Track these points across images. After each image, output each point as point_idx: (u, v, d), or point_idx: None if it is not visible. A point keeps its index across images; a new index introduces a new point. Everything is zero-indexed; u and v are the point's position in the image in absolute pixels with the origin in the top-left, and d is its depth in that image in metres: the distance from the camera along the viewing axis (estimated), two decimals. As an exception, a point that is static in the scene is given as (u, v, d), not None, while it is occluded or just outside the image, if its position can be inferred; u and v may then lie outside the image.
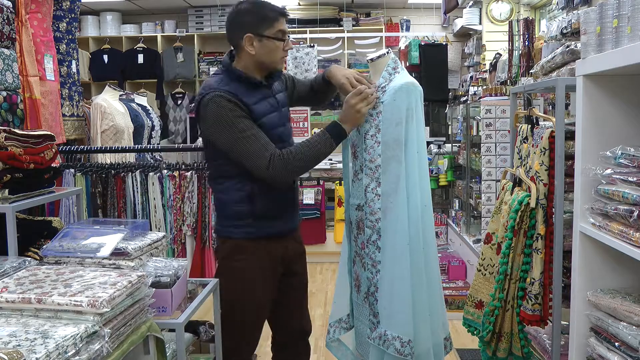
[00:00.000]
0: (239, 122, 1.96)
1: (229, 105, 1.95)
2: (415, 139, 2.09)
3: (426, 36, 6.75)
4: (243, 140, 1.96)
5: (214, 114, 1.96)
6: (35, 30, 3.01)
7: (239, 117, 1.96)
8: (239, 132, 1.96)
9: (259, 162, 1.97)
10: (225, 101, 1.95)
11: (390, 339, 2.02)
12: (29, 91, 2.88)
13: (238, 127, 1.96)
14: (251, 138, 1.97)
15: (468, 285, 4.00)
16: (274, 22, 2.01)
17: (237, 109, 1.96)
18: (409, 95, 2.05)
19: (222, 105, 1.95)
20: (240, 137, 1.96)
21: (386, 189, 2.05)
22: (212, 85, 2.01)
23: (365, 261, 2.15)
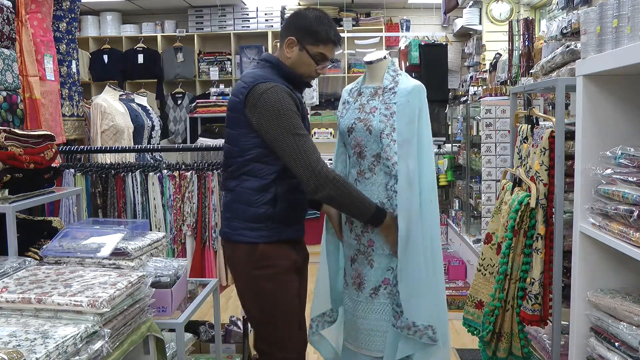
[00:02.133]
0: (295, 118, 1.93)
1: (288, 99, 1.92)
2: (424, 137, 2.23)
3: (426, 36, 6.75)
4: (298, 138, 1.92)
5: (272, 102, 1.90)
6: (35, 30, 3.01)
7: (296, 113, 1.94)
8: (294, 127, 1.91)
9: (312, 162, 1.92)
10: (284, 93, 1.92)
11: (422, 329, 2.14)
12: (29, 91, 2.88)
13: (295, 122, 1.92)
14: (306, 137, 1.94)
15: (468, 285, 4.00)
16: (319, 43, 2.00)
17: (294, 105, 1.93)
18: (419, 97, 2.20)
19: (282, 96, 1.91)
20: (296, 133, 1.91)
21: (401, 186, 2.14)
22: (265, 76, 1.97)
23: (375, 257, 2.21)
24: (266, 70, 2.01)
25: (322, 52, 2.01)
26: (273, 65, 2.03)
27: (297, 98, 1.97)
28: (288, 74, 2.01)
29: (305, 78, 2.07)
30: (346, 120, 2.31)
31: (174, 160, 3.46)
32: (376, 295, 2.24)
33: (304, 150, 1.91)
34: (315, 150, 1.94)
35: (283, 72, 2.01)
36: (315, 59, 2.01)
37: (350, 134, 2.28)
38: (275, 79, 1.95)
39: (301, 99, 2.06)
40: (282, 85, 1.94)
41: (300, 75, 2.04)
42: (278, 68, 2.01)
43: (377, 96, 2.24)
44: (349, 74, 6.82)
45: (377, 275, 2.23)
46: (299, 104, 1.97)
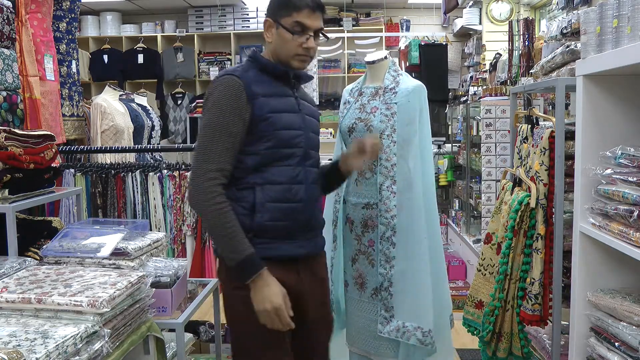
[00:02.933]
0: (222, 114, 1.64)
1: (227, 91, 1.66)
2: (425, 137, 2.24)
3: (426, 36, 6.75)
4: (209, 135, 1.64)
5: (209, 93, 1.70)
6: (35, 30, 3.01)
7: (233, 108, 1.65)
8: (213, 123, 1.64)
9: (200, 167, 1.63)
10: (228, 85, 1.66)
11: (412, 330, 2.13)
12: (29, 91, 2.88)
13: (217, 119, 1.64)
14: (218, 137, 1.64)
15: (468, 285, 4.00)
16: (292, 11, 1.71)
17: (236, 100, 1.65)
18: (420, 97, 2.21)
19: (222, 87, 1.67)
20: (211, 128, 1.64)
21: (401, 186, 2.13)
22: (232, 69, 1.75)
23: (375, 258, 2.21)
24: (243, 65, 1.79)
25: (298, 20, 1.71)
26: (251, 59, 1.79)
27: (245, 87, 1.66)
28: (264, 65, 1.75)
29: (291, 61, 1.75)
30: (347, 120, 2.31)
31: (174, 160, 3.46)
32: (376, 297, 2.23)
33: (203, 151, 1.64)
34: (219, 156, 1.63)
35: (259, 64, 1.76)
36: (294, 31, 1.72)
37: (350, 133, 2.28)
38: (244, 71, 1.72)
39: (293, 91, 1.79)
40: (236, 75, 1.68)
41: (285, 59, 1.74)
42: (255, 60, 1.77)
43: (377, 96, 2.24)
44: (349, 74, 6.81)
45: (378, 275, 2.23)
46: (247, 95, 1.66)
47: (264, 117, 1.69)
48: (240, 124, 1.66)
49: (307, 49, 1.74)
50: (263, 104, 1.69)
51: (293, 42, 1.73)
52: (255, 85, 1.69)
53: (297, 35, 1.72)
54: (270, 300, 1.60)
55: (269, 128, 1.69)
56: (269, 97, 1.71)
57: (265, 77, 1.74)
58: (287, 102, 1.77)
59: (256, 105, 1.67)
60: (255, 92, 1.68)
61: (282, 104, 1.74)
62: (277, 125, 1.71)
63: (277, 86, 1.76)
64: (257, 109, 1.67)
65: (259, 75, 1.73)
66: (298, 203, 1.73)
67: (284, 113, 1.73)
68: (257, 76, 1.72)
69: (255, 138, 1.69)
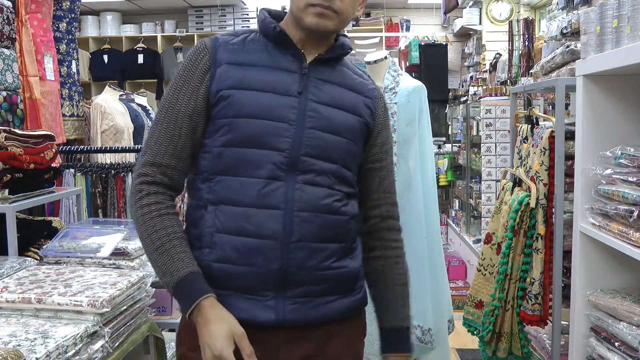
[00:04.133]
0: (177, 88, 1.19)
1: (190, 59, 1.21)
2: (424, 137, 2.24)
3: (426, 36, 6.75)
4: (157, 116, 1.22)
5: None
6: (35, 30, 3.01)
7: (185, 82, 1.19)
8: (166, 98, 1.21)
9: (145, 148, 1.21)
10: (193, 52, 1.22)
11: (411, 328, 2.11)
12: (29, 91, 2.88)
13: (169, 95, 1.20)
14: (162, 119, 1.19)
15: (468, 285, 4.00)
16: None
17: (192, 70, 1.20)
18: (420, 97, 2.21)
19: (187, 57, 1.22)
20: (161, 107, 1.22)
21: (401, 186, 2.14)
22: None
23: None
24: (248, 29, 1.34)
25: None
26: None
27: (211, 52, 1.20)
28: (263, 28, 1.24)
29: (303, 17, 1.18)
30: (346, 120, 2.31)
31: (174, 160, 3.45)
32: None
33: (146, 141, 1.22)
34: (155, 146, 1.18)
35: (260, 26, 1.26)
36: None
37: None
38: (230, 35, 1.25)
39: (302, 66, 1.22)
40: (210, 40, 1.23)
41: (297, 14, 1.19)
42: (262, 17, 1.27)
43: (377, 96, 2.25)
44: (349, 74, 6.81)
45: None
46: (207, 68, 1.19)
47: (221, 94, 1.17)
48: (191, 102, 1.18)
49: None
50: (224, 74, 1.18)
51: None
52: (229, 51, 1.20)
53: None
54: (209, 345, 1.04)
55: (226, 112, 1.16)
56: (237, 65, 1.19)
57: (265, 44, 1.23)
58: (275, 77, 1.20)
59: (215, 76, 1.18)
60: (220, 58, 1.19)
61: (259, 77, 1.18)
62: (238, 109, 1.16)
63: (274, 57, 1.22)
64: (214, 82, 1.17)
65: (254, 42, 1.23)
66: (264, 240, 1.13)
67: (256, 92, 1.17)
68: (248, 42, 1.22)
69: (213, 128, 1.18)
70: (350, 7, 1.20)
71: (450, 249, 5.07)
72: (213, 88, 1.18)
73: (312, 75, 1.22)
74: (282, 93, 1.19)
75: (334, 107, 1.22)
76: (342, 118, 1.23)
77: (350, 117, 1.24)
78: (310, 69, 1.22)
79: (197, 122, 1.19)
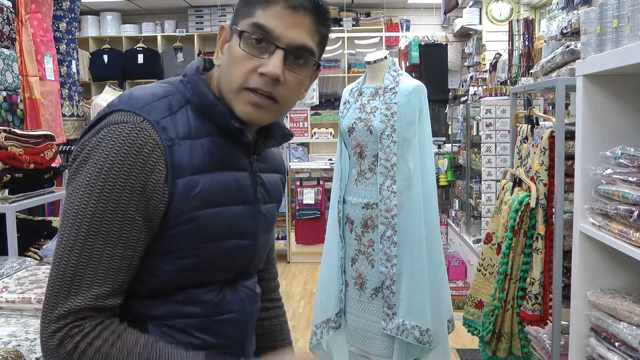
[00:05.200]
0: (113, 201, 0.86)
1: (123, 156, 0.86)
2: (424, 137, 2.23)
3: (426, 36, 6.75)
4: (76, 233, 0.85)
5: (90, 156, 0.87)
6: (35, 30, 3.01)
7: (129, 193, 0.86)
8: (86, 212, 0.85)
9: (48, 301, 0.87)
10: (125, 143, 0.87)
11: (410, 329, 2.13)
12: (29, 91, 2.88)
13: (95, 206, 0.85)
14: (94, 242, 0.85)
15: (468, 285, 4.00)
16: (256, 7, 0.94)
17: (136, 176, 0.87)
18: (420, 97, 2.20)
19: (113, 148, 0.86)
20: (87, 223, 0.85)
21: (401, 186, 2.14)
22: (133, 99, 0.93)
23: (375, 257, 2.21)
24: (167, 87, 1.00)
25: (258, 21, 0.93)
26: (187, 82, 1.01)
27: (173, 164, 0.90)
28: (203, 105, 0.96)
29: (233, 101, 0.95)
30: (346, 120, 2.31)
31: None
32: (376, 297, 2.24)
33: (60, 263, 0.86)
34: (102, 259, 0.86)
35: (192, 94, 0.97)
36: (249, 40, 0.93)
37: (350, 133, 2.28)
38: (165, 110, 0.93)
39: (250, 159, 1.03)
40: (150, 124, 0.89)
41: (227, 95, 0.96)
42: (192, 86, 0.99)
43: (377, 96, 2.24)
44: (349, 74, 6.81)
45: (378, 275, 2.24)
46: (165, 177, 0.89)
47: (183, 217, 0.91)
48: (140, 223, 0.88)
49: (262, 75, 0.92)
50: (188, 190, 0.91)
51: (242, 61, 0.94)
52: (185, 150, 0.92)
53: (250, 47, 0.93)
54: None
55: (188, 236, 0.93)
56: (199, 174, 0.93)
57: (205, 123, 0.96)
58: (234, 182, 0.99)
59: (176, 192, 0.90)
60: (178, 163, 0.90)
61: (221, 188, 0.96)
62: (204, 234, 0.94)
63: (225, 151, 0.98)
64: (175, 200, 0.90)
65: (198, 128, 0.95)
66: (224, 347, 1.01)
67: (221, 208, 0.96)
68: (193, 129, 0.94)
69: (164, 249, 0.92)
70: (294, 94, 0.99)
71: (450, 249, 5.07)
72: (174, 208, 0.90)
73: (257, 170, 1.05)
74: (242, 202, 1.00)
75: (270, 203, 1.09)
76: (272, 212, 1.10)
77: (276, 206, 1.12)
78: (256, 162, 1.04)
79: (141, 245, 0.89)
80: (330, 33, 1.02)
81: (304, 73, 0.98)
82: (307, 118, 6.24)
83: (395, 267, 2.18)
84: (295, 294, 4.81)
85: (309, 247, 5.88)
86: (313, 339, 2.38)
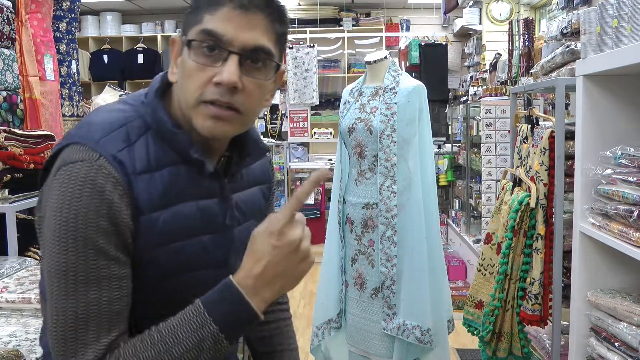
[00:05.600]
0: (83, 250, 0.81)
1: (86, 202, 0.81)
2: (425, 137, 2.24)
3: (426, 36, 6.75)
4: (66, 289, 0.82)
5: (54, 200, 0.82)
6: (35, 30, 3.01)
7: (103, 238, 0.82)
8: (68, 266, 0.81)
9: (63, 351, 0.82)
10: (85, 186, 0.82)
11: (410, 329, 2.14)
12: (29, 91, 2.88)
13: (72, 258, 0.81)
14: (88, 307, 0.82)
15: (468, 285, 4.00)
16: (204, 12, 0.88)
17: (100, 218, 0.82)
18: (420, 97, 2.21)
19: (71, 193, 0.81)
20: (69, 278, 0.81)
21: (401, 186, 2.14)
22: (91, 134, 0.86)
23: (375, 257, 2.21)
24: (123, 111, 0.92)
25: (206, 27, 0.86)
26: (142, 100, 0.94)
27: (120, 192, 0.84)
28: (160, 128, 0.90)
29: (193, 117, 0.89)
30: (347, 120, 2.31)
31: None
32: (376, 297, 2.24)
33: (58, 323, 0.82)
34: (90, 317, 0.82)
35: (152, 121, 0.91)
36: (199, 49, 0.87)
37: (350, 133, 2.28)
38: (122, 141, 0.87)
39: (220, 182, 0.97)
40: (103, 158, 0.83)
41: (187, 111, 0.90)
42: (146, 107, 0.92)
43: (377, 96, 2.25)
44: (349, 74, 6.82)
45: (378, 275, 2.24)
46: (119, 204, 0.83)
47: (145, 256, 0.88)
48: (124, 260, 0.86)
49: (218, 85, 0.86)
50: (149, 228, 0.87)
51: (195, 73, 0.87)
52: (144, 185, 0.87)
53: (202, 56, 0.87)
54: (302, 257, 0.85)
55: (149, 274, 0.89)
56: (160, 210, 0.88)
57: (167, 151, 0.90)
58: (199, 212, 0.93)
59: (139, 230, 0.86)
60: (139, 198, 0.86)
61: (184, 220, 0.91)
62: (164, 271, 0.90)
63: (189, 179, 0.92)
64: (139, 239, 0.86)
65: (158, 158, 0.89)
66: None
67: (185, 241, 0.91)
68: (153, 161, 0.89)
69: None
70: (257, 101, 0.91)
71: (450, 249, 5.07)
72: (138, 246, 0.86)
73: (230, 193, 0.98)
74: (210, 231, 0.94)
75: (247, 222, 1.02)
76: (252, 230, 0.94)
77: (255, 223, 0.95)
78: (228, 185, 0.97)
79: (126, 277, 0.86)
80: (288, 30, 0.94)
81: (263, 77, 0.90)
82: (307, 118, 6.24)
83: (396, 267, 2.18)
84: (296, 294, 4.82)
85: (309, 247, 5.87)
86: (314, 340, 2.38)
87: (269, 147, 1.05)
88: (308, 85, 6.09)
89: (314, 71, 6.09)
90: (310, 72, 6.08)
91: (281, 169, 6.09)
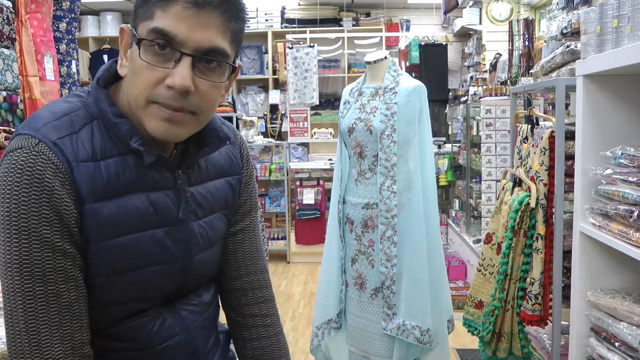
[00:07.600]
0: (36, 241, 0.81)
1: (26, 190, 0.80)
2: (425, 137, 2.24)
3: (426, 36, 6.75)
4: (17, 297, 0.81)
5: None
6: (35, 30, 3.01)
7: (46, 227, 0.81)
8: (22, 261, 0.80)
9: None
10: (24, 173, 0.80)
11: (410, 329, 2.14)
12: (29, 91, 2.88)
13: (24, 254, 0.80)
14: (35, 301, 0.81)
15: (468, 285, 4.00)
16: (155, 9, 0.83)
17: (42, 206, 0.80)
18: (420, 97, 2.20)
19: (13, 182, 0.80)
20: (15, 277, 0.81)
21: (401, 186, 2.14)
22: (34, 123, 0.85)
23: (375, 257, 2.22)
24: (73, 101, 0.90)
25: (157, 26, 0.82)
26: (91, 90, 0.92)
27: (61, 180, 0.81)
28: (103, 115, 0.88)
29: (144, 119, 0.86)
30: (346, 120, 2.31)
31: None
32: (376, 297, 2.25)
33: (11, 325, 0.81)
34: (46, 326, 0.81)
35: (98, 110, 0.89)
36: (149, 48, 0.83)
37: (350, 133, 2.28)
38: (66, 129, 0.85)
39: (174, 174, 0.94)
40: (45, 145, 0.82)
41: (136, 112, 0.87)
42: (92, 96, 0.91)
43: (377, 96, 2.25)
44: (349, 74, 6.81)
45: (378, 275, 2.24)
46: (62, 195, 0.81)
47: (90, 249, 0.85)
48: (72, 252, 0.84)
49: (170, 89, 0.83)
50: (93, 219, 0.84)
51: (144, 72, 0.84)
52: (88, 174, 0.84)
53: (152, 56, 0.83)
54: None
55: (98, 270, 0.87)
56: (105, 200, 0.85)
57: (115, 141, 0.88)
58: (150, 205, 0.90)
59: (83, 220, 0.84)
60: (81, 187, 0.83)
61: (133, 212, 0.88)
62: (113, 266, 0.88)
63: (139, 170, 0.89)
64: (83, 230, 0.84)
65: (105, 149, 0.87)
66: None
67: (134, 234, 0.88)
68: (99, 151, 0.86)
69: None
70: (211, 102, 0.88)
71: (450, 249, 5.07)
72: (84, 237, 0.84)
73: (186, 185, 0.95)
74: (162, 224, 0.91)
75: (210, 215, 1.00)
76: (216, 223, 1.01)
77: (221, 215, 1.02)
78: (182, 176, 0.94)
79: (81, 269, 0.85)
80: (244, 26, 0.90)
81: (218, 78, 0.87)
82: (307, 118, 6.24)
83: (396, 267, 2.18)
84: (295, 294, 4.81)
85: (309, 247, 5.88)
86: (314, 340, 2.38)
87: (230, 135, 1.01)
88: (308, 85, 6.09)
89: (314, 71, 6.09)
90: (310, 72, 6.08)
91: (281, 169, 6.08)
